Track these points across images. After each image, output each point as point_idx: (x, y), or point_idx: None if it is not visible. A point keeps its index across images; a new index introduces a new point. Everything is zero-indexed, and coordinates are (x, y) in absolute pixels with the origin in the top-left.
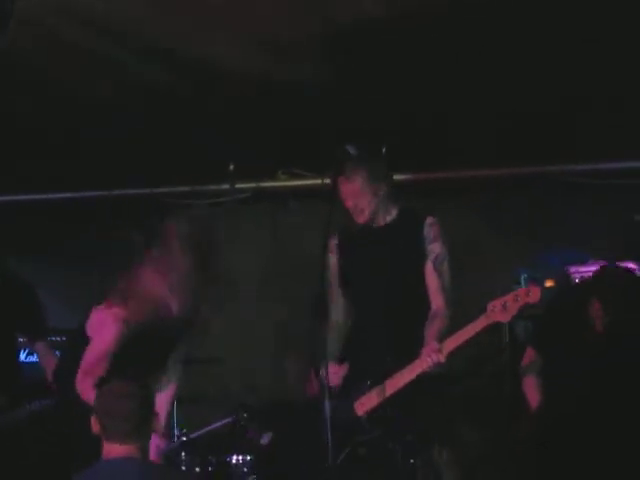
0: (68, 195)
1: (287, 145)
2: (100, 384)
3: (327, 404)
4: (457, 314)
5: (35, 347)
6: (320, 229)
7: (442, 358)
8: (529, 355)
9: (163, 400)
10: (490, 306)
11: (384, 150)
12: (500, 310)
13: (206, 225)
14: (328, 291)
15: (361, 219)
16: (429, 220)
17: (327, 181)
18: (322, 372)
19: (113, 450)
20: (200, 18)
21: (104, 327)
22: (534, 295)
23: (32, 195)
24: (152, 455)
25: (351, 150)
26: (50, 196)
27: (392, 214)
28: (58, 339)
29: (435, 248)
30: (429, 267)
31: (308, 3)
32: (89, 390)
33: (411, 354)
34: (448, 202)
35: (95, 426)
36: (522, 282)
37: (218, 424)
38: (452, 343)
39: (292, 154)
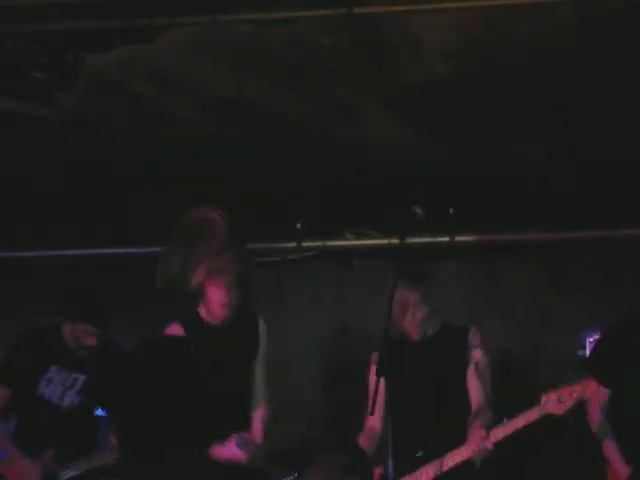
0: (131, 250)
1: (354, 204)
2: None
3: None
4: (521, 376)
5: None
6: (385, 289)
7: (489, 445)
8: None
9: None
10: (544, 398)
11: (451, 211)
12: (555, 403)
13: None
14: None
15: (414, 333)
16: (473, 330)
17: (394, 241)
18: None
19: None
20: (266, 76)
21: None
22: (591, 389)
23: (85, 250)
24: None
25: (417, 210)
26: (106, 251)
27: (436, 327)
28: None
29: (477, 354)
30: (471, 371)
31: (372, 64)
32: None
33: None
34: (512, 263)
35: None
36: (587, 346)
37: None
38: (501, 432)
39: (359, 213)
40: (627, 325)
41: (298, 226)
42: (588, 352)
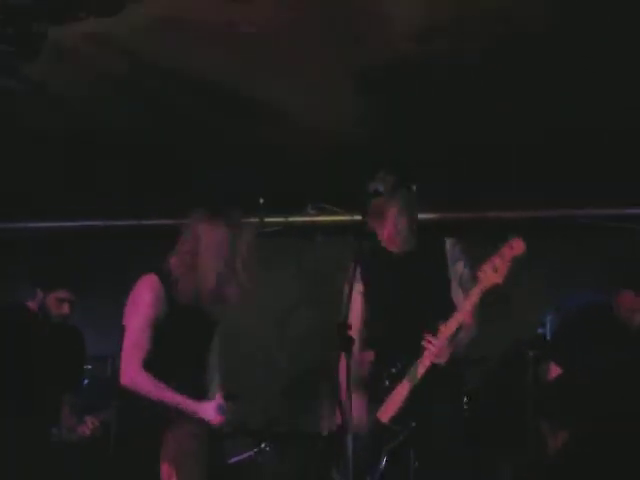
0: (98, 223)
1: (317, 181)
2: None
3: (349, 438)
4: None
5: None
6: (347, 265)
7: (443, 341)
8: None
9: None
10: (481, 273)
11: (414, 188)
12: (492, 273)
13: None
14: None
15: (394, 244)
16: (450, 241)
17: (356, 217)
18: (344, 405)
19: None
20: (237, 51)
21: (139, 296)
22: (517, 247)
23: (63, 222)
24: None
25: (380, 188)
26: (81, 224)
27: (413, 241)
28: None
29: (459, 267)
30: (454, 286)
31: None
32: (134, 370)
33: None
34: (474, 243)
35: None
36: (548, 324)
37: (240, 457)
38: (450, 326)
39: (322, 190)
40: (588, 310)
41: (261, 201)
42: (549, 332)
